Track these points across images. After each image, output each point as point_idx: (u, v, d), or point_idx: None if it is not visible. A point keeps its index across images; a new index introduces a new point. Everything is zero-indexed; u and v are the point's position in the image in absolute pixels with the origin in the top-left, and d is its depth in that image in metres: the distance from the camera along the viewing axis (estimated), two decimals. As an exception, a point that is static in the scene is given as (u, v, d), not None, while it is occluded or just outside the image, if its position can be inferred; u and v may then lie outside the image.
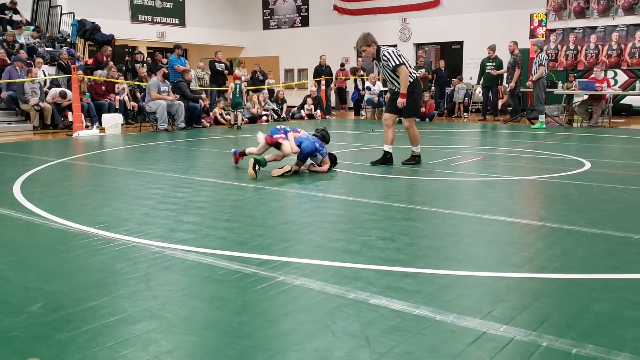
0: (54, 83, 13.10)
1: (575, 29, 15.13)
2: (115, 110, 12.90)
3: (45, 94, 12.37)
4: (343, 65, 18.48)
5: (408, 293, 2.69)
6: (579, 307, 2.53)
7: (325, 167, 6.20)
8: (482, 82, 14.40)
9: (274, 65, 21.86)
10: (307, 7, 21.59)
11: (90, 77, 13.27)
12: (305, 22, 21.75)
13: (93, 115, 12.45)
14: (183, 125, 12.18)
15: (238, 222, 4.12)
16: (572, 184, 5.54)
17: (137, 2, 19.48)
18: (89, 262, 3.22)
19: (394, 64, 6.44)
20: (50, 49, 14.99)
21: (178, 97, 12.19)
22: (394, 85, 6.68)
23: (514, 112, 13.97)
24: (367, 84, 15.87)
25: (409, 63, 6.62)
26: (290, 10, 22.12)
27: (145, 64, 15.26)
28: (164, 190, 5.34)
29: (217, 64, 15.35)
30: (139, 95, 13.55)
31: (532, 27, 16.78)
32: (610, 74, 14.74)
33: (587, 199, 4.89)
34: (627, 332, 2.27)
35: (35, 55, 13.63)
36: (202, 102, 13.47)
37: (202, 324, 2.39)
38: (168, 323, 2.39)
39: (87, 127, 11.84)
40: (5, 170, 6.70)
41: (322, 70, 17.39)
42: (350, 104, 18.56)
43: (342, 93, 18.62)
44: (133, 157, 8.20)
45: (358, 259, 3.20)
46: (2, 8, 15.86)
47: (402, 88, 6.51)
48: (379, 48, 6.57)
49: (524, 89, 13.95)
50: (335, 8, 20.74)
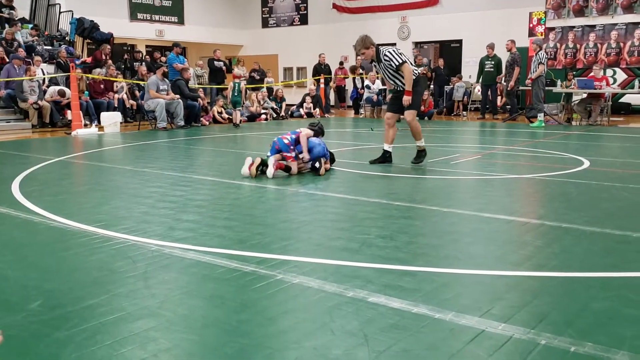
0: (53, 81, 13.09)
1: (574, 28, 15.12)
2: (114, 109, 12.88)
3: (44, 93, 12.36)
4: (342, 64, 18.48)
5: (407, 291, 2.69)
6: (578, 305, 2.53)
7: (323, 170, 6.19)
8: (481, 80, 14.40)
9: (273, 64, 21.85)
10: (306, 5, 21.57)
11: (89, 75, 13.26)
12: (304, 20, 21.73)
13: (92, 114, 12.45)
14: (182, 124, 12.17)
15: (237, 220, 4.13)
16: (570, 183, 5.54)
17: (136, 0, 19.45)
18: (88, 260, 3.22)
19: (397, 63, 6.32)
20: (49, 47, 14.97)
21: (177, 96, 12.18)
22: (396, 85, 6.57)
23: (513, 110, 13.98)
24: (366, 83, 15.87)
25: (411, 60, 6.53)
26: (289, 9, 22.10)
27: (144, 63, 15.24)
28: (163, 189, 5.34)
29: (215, 62, 15.34)
30: (138, 94, 13.54)
31: (531, 25, 16.77)
32: (609, 73, 14.74)
33: (585, 198, 4.90)
34: (625, 330, 2.27)
35: (34, 54, 13.62)
36: (200, 100, 13.46)
37: (201, 322, 2.39)
38: (167, 321, 2.39)
39: (85, 125, 11.84)
40: (4, 169, 6.69)
41: (321, 69, 17.37)
42: (349, 103, 18.55)
43: (341, 91, 18.61)
44: (132, 155, 8.19)
45: (357, 257, 3.20)
46: None
47: (407, 85, 6.37)
48: (378, 49, 6.47)
49: (523, 87, 13.94)
50: (334, 6, 20.72)
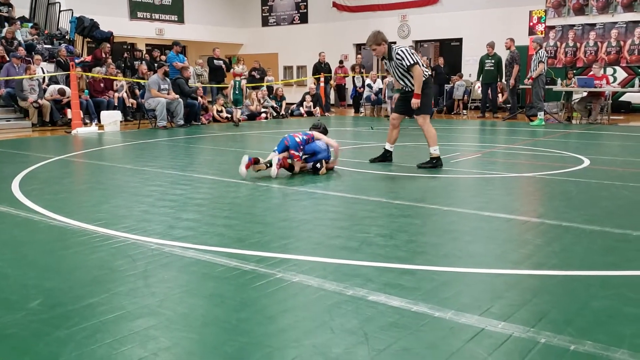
0: (53, 80, 13.08)
1: (575, 26, 15.12)
2: (114, 108, 12.88)
3: (44, 91, 12.36)
4: (342, 62, 18.46)
5: (407, 290, 2.69)
6: (578, 303, 2.53)
7: (324, 169, 6.19)
8: (481, 79, 14.39)
9: (273, 63, 21.84)
10: (306, 4, 21.55)
11: (89, 74, 13.25)
12: (304, 19, 21.71)
13: (92, 113, 12.44)
14: (182, 123, 12.17)
15: (237, 219, 4.13)
16: (571, 181, 5.54)
17: (135, -2, 19.44)
18: (88, 259, 3.22)
19: (409, 63, 6.17)
20: (49, 46, 14.96)
21: (178, 96, 12.17)
22: (405, 85, 6.43)
23: (513, 109, 13.98)
24: (367, 82, 15.85)
25: (421, 62, 6.38)
26: (289, 7, 22.08)
27: (145, 61, 15.23)
28: (163, 188, 5.34)
29: (215, 61, 15.33)
30: (138, 93, 13.53)
31: (531, 24, 16.75)
32: (610, 71, 14.74)
33: (585, 196, 4.90)
34: (625, 328, 2.28)
35: (34, 52, 13.61)
36: (200, 99, 13.46)
37: (200, 321, 2.39)
38: (167, 320, 2.39)
39: (85, 124, 11.83)
40: (4, 168, 6.69)
41: (321, 68, 17.35)
42: (350, 101, 18.55)
43: (341, 90, 18.60)
44: (132, 154, 8.19)
45: (357, 256, 3.21)
46: None
47: (416, 88, 6.23)
48: (391, 47, 6.31)
49: (523, 86, 13.94)
50: (334, 5, 20.71)
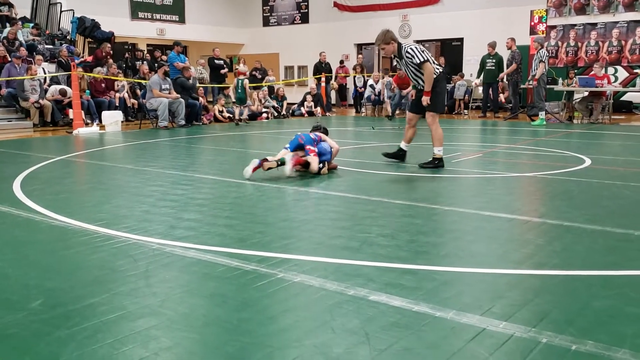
0: (54, 80, 13.09)
1: (576, 26, 15.10)
2: (115, 108, 12.89)
3: (45, 92, 12.37)
4: (342, 62, 18.45)
5: (408, 290, 2.69)
6: (579, 303, 2.53)
7: (325, 169, 6.18)
8: (482, 78, 14.37)
9: (274, 63, 21.84)
10: (307, 3, 21.56)
11: (90, 74, 13.26)
12: (305, 19, 21.72)
13: (93, 113, 12.45)
14: (183, 123, 12.17)
15: (238, 219, 4.13)
16: (572, 181, 5.54)
17: (136, -1, 19.46)
18: (89, 259, 3.23)
19: (419, 61, 6.14)
20: (50, 47, 14.97)
21: (179, 95, 12.17)
22: (417, 84, 6.42)
23: (514, 109, 13.96)
24: (370, 82, 15.83)
25: (433, 59, 6.34)
26: (290, 7, 22.08)
27: (146, 62, 15.24)
28: (164, 188, 5.34)
29: (215, 61, 15.33)
30: (139, 93, 13.54)
31: (532, 23, 16.74)
32: (611, 71, 14.72)
33: (587, 196, 4.89)
34: (626, 328, 2.27)
35: (35, 53, 13.62)
36: (201, 99, 13.46)
37: (202, 321, 2.39)
38: (168, 320, 2.39)
39: (87, 124, 11.83)
40: (5, 168, 6.69)
41: (321, 67, 17.35)
42: (351, 101, 18.54)
43: (342, 90, 18.60)
44: (133, 154, 8.19)
45: (358, 256, 3.20)
46: None
47: (426, 86, 6.21)
48: (400, 45, 6.28)
49: (524, 86, 13.92)
50: (335, 5, 20.71)
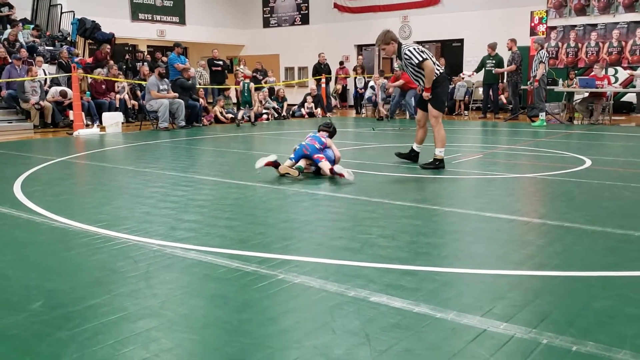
0: (55, 82, 13.11)
1: (576, 27, 15.08)
2: (116, 109, 12.90)
3: (46, 93, 12.38)
4: (342, 64, 18.45)
5: (408, 291, 2.69)
6: (579, 304, 2.53)
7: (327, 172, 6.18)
8: (482, 79, 14.36)
9: (275, 64, 21.85)
10: (307, 5, 21.57)
11: (91, 75, 13.27)
12: (306, 20, 21.72)
13: (93, 114, 12.46)
14: (183, 124, 12.17)
15: (238, 220, 4.13)
16: (572, 182, 5.54)
17: (137, 0, 19.45)
18: (89, 260, 3.23)
19: (417, 61, 6.17)
20: (51, 48, 14.98)
21: (177, 95, 12.17)
22: (419, 84, 6.47)
23: (515, 110, 13.96)
24: (371, 83, 15.83)
25: (434, 59, 6.35)
26: (291, 8, 22.09)
27: (146, 63, 15.25)
28: (165, 189, 5.34)
29: (215, 62, 15.34)
30: (140, 94, 13.55)
31: (532, 24, 16.75)
32: (611, 72, 14.72)
33: (587, 197, 4.89)
34: (627, 329, 2.27)
35: (36, 54, 13.63)
36: (201, 100, 13.46)
37: (202, 322, 2.39)
38: (168, 321, 2.39)
39: (87, 125, 11.84)
40: (6, 169, 6.70)
41: (321, 68, 17.33)
42: (351, 102, 18.53)
43: (342, 91, 18.58)
44: (133, 155, 8.20)
45: (358, 257, 3.20)
46: None
47: (426, 82, 6.25)
48: (400, 46, 6.30)
49: (524, 87, 13.92)
50: (336, 6, 20.72)
